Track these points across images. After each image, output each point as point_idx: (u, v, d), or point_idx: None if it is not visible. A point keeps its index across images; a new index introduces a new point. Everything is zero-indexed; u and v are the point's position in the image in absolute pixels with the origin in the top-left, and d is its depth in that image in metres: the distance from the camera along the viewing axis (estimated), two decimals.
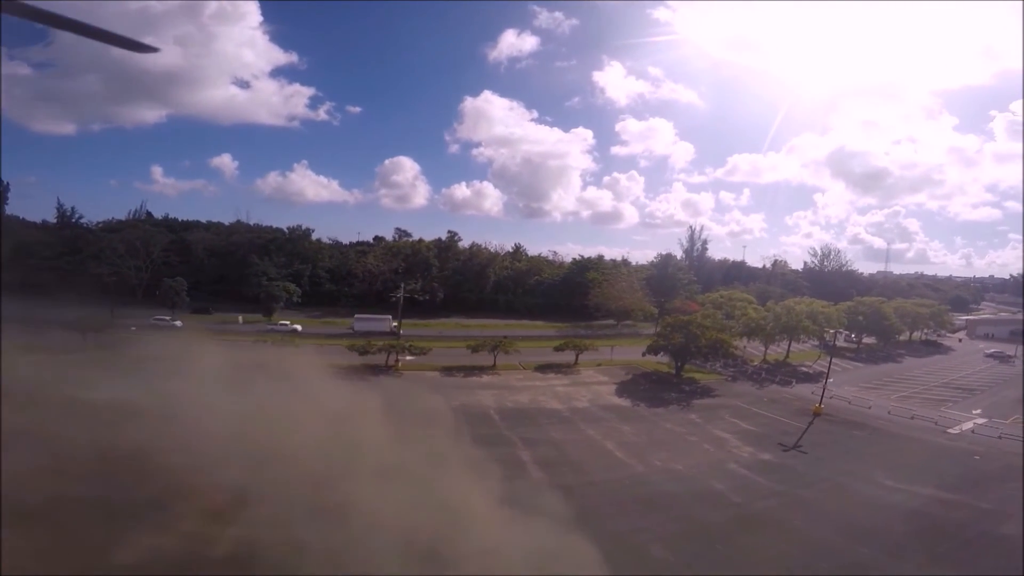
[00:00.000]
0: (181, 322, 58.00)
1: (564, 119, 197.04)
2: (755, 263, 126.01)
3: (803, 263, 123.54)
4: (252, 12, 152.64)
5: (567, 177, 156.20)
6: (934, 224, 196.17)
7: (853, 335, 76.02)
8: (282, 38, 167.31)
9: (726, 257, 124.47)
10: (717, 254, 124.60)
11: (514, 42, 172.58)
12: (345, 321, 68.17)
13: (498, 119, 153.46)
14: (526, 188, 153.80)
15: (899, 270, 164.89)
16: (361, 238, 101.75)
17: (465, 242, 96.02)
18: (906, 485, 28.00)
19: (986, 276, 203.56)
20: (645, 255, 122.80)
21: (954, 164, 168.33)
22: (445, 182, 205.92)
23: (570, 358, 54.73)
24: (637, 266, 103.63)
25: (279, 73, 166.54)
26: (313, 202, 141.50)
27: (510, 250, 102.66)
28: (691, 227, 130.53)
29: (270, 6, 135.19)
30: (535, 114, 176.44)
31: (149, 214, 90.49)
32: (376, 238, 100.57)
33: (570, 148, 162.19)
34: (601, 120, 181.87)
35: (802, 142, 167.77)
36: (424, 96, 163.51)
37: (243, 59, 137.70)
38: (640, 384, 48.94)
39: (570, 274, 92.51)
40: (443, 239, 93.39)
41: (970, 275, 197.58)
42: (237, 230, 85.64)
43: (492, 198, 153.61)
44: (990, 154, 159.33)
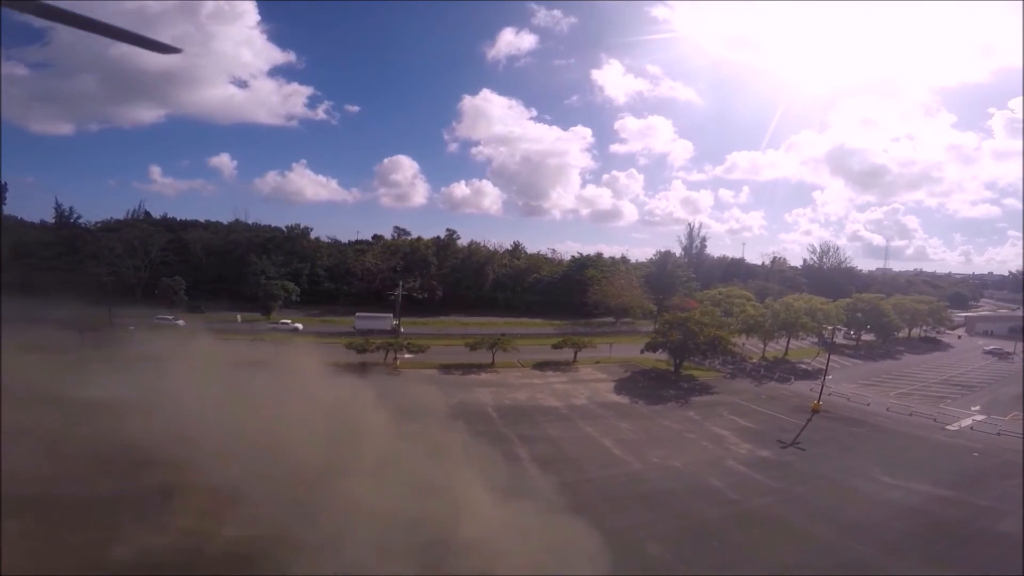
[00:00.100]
0: (184, 321, 57.91)
1: (563, 117, 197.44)
2: (754, 260, 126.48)
3: (802, 260, 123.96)
4: (250, 11, 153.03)
5: (566, 175, 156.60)
6: (933, 221, 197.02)
7: (852, 332, 75.94)
8: (280, 37, 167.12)
9: (725, 254, 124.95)
10: (716, 252, 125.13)
11: (513, 40, 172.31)
12: (344, 320, 68.09)
13: (497, 117, 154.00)
14: (525, 186, 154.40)
15: (898, 267, 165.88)
16: (360, 237, 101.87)
17: (464, 240, 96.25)
18: (904, 482, 27.99)
19: (985, 273, 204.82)
20: (644, 253, 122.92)
21: (953, 161, 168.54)
22: (444, 181, 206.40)
23: (569, 356, 54.71)
24: (636, 264, 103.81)
25: (277, 72, 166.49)
26: (312, 201, 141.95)
27: (509, 248, 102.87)
28: (690, 224, 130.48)
29: (267, 6, 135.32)
30: (534, 112, 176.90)
31: (147, 214, 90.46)
32: (375, 237, 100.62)
33: (569, 146, 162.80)
34: (600, 118, 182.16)
35: (801, 139, 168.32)
36: (423, 95, 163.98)
37: (241, 59, 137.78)
38: (639, 381, 48.90)
39: (569, 272, 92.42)
40: (441, 237, 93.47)
41: (969, 272, 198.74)
42: (235, 229, 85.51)
43: (491, 196, 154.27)
44: (989, 151, 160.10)
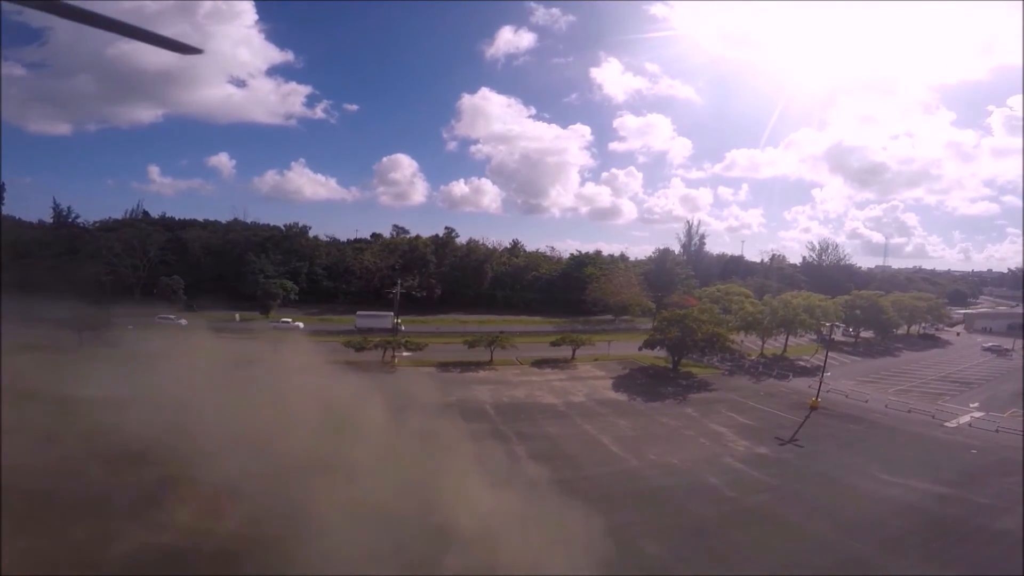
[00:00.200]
0: (186, 320, 57.76)
1: (562, 115, 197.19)
2: (753, 258, 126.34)
3: (801, 258, 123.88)
4: (247, 11, 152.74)
5: (565, 173, 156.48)
6: (932, 219, 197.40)
7: (851, 329, 75.86)
8: (278, 37, 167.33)
9: (724, 252, 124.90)
10: (716, 249, 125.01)
11: (511, 39, 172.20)
12: (342, 318, 67.99)
13: (496, 116, 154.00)
14: (524, 184, 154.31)
15: (897, 264, 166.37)
16: (359, 235, 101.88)
17: (464, 239, 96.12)
18: (902, 479, 27.92)
19: (984, 270, 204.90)
20: (644, 251, 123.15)
21: (952, 159, 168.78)
22: (443, 179, 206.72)
23: (567, 353, 54.65)
24: (635, 261, 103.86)
25: (275, 72, 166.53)
26: (311, 200, 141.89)
27: (508, 246, 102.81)
28: (688, 222, 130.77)
29: (265, 5, 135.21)
30: (533, 111, 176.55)
31: (146, 213, 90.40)
32: (374, 235, 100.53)
33: (568, 144, 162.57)
34: (599, 116, 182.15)
35: (800, 137, 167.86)
36: (421, 93, 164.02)
37: (239, 58, 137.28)
38: (637, 379, 48.86)
39: (568, 270, 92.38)
40: (440, 235, 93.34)
41: (968, 269, 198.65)
42: (234, 228, 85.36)
43: (491, 195, 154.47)
44: (988, 149, 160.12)
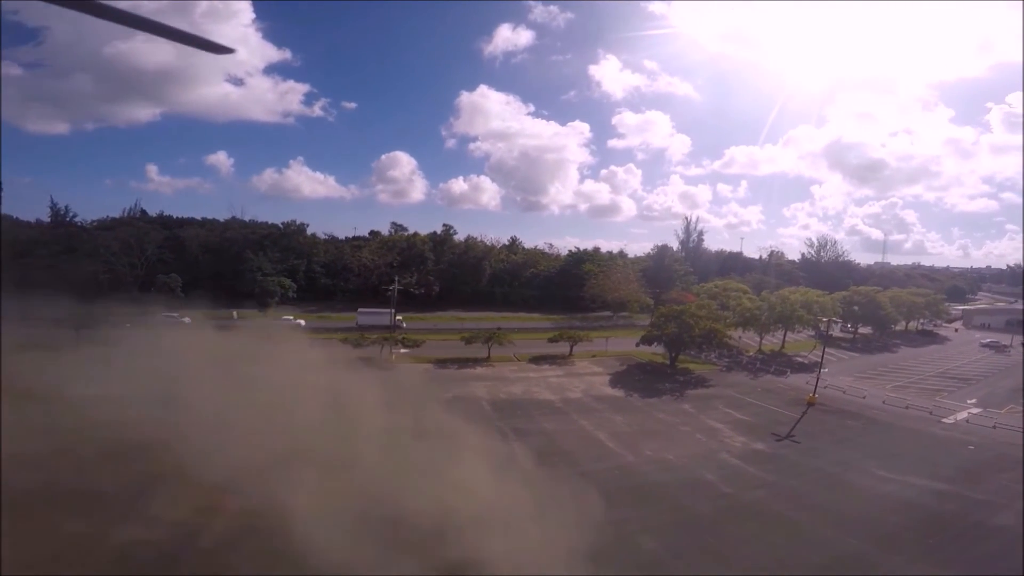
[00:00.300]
0: (190, 319, 57.60)
1: (560, 113, 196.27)
2: (752, 254, 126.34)
3: (800, 254, 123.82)
4: (244, 10, 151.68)
5: (564, 170, 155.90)
6: (931, 215, 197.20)
7: (849, 325, 75.76)
8: (275, 35, 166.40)
9: (723, 248, 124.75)
10: (715, 246, 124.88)
11: (509, 36, 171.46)
12: (341, 316, 67.90)
13: (494, 113, 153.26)
14: (523, 182, 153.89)
15: (896, 261, 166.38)
16: (357, 233, 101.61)
17: (463, 236, 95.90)
18: (899, 475, 27.88)
19: (983, 267, 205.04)
20: (642, 247, 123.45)
21: (951, 156, 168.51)
22: (442, 177, 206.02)
23: (565, 350, 54.59)
24: (634, 258, 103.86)
25: (273, 70, 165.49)
26: (310, 198, 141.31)
27: (506, 243, 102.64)
28: (687, 218, 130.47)
29: (262, 4, 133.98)
30: (531, 108, 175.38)
31: (144, 212, 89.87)
32: (372, 233, 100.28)
33: (567, 142, 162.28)
34: (598, 113, 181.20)
35: (799, 134, 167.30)
36: (420, 91, 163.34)
37: (236, 56, 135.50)
38: (634, 375, 48.82)
39: (566, 266, 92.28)
40: (438, 233, 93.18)
41: (967, 266, 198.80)
42: (232, 226, 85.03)
43: (489, 192, 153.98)
44: (987, 146, 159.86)
